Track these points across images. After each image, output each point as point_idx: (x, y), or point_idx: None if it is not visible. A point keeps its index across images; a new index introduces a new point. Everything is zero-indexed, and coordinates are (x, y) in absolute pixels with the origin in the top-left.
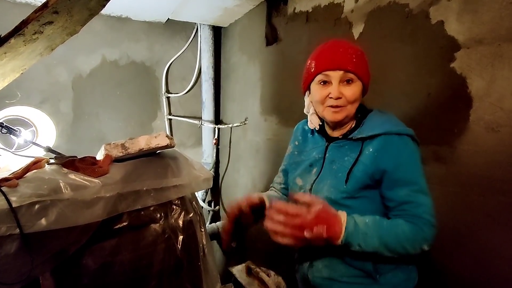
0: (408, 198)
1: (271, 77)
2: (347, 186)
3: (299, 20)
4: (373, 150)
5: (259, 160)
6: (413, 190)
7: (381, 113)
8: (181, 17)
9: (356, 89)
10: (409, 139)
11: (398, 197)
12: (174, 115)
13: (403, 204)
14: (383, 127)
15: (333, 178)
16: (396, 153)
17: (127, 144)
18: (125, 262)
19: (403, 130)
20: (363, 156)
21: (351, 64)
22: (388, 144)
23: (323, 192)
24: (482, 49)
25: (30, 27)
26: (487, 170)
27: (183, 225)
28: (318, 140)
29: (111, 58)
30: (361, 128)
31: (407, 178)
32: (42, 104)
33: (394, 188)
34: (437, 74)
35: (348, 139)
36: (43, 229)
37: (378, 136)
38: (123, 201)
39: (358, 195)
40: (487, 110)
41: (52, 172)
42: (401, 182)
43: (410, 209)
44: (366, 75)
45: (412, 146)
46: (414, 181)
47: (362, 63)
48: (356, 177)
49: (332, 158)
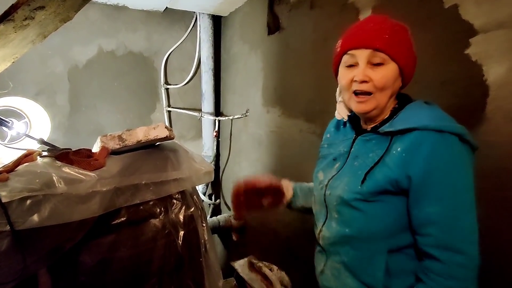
0: (436, 218)
1: (273, 67)
2: (362, 187)
3: (303, 7)
4: (401, 149)
5: (262, 153)
6: (445, 208)
7: (423, 104)
8: (179, 6)
9: (388, 73)
10: (455, 139)
11: (424, 214)
12: (173, 107)
13: (428, 226)
14: (420, 120)
15: (351, 176)
16: (430, 155)
17: (124, 136)
18: (124, 259)
19: (448, 126)
20: (389, 155)
21: (380, 41)
22: (422, 143)
23: (337, 190)
24: (501, 33)
25: (20, 12)
26: (505, 162)
27: (183, 220)
28: (348, 132)
29: (108, 49)
30: (393, 120)
31: (439, 190)
32: (37, 95)
33: (420, 201)
34: (451, 61)
35: (376, 133)
36: (36, 226)
37: (411, 131)
38: (121, 196)
39: (372, 199)
40: (506, 98)
41: (45, 165)
42: (431, 195)
43: (437, 234)
44: (404, 56)
45: (457, 148)
46: (449, 196)
47: (399, 41)
48: (375, 179)
49: (356, 153)
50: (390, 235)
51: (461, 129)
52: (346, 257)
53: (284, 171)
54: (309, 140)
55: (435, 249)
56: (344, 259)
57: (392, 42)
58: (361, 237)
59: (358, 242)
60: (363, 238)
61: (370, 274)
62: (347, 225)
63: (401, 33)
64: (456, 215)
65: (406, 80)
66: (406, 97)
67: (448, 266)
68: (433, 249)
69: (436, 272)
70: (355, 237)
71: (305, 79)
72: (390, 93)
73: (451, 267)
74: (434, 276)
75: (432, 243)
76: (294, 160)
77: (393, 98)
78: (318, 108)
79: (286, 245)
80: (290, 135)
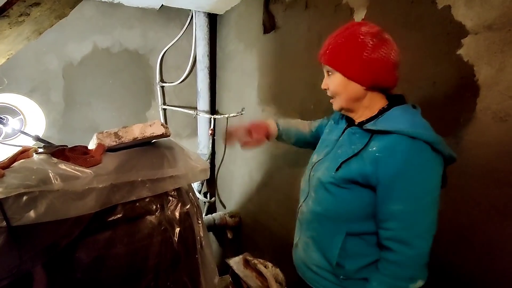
0: (399, 215)
1: (269, 66)
2: (337, 173)
3: (298, 7)
4: (377, 148)
5: (257, 151)
6: (409, 208)
7: (409, 109)
8: (175, 3)
9: (335, 81)
10: (426, 147)
11: (388, 210)
12: (169, 105)
13: (390, 221)
14: (398, 124)
15: (331, 162)
16: (400, 159)
17: (120, 133)
18: (120, 256)
19: (422, 134)
20: (366, 151)
21: (323, 57)
22: (395, 146)
23: (319, 173)
24: (492, 35)
25: (16, 8)
26: (494, 161)
27: (179, 217)
28: (343, 123)
29: (103, 46)
30: (378, 119)
31: (405, 191)
32: (31, 92)
33: (386, 198)
34: (443, 61)
35: (361, 128)
36: (32, 222)
37: (389, 133)
38: (117, 192)
39: (343, 186)
40: (495, 99)
41: (41, 162)
42: (397, 194)
43: (397, 229)
44: (345, 65)
45: (426, 156)
46: (414, 197)
47: (338, 53)
48: (349, 169)
49: (342, 142)
50: (351, 220)
51: (434, 138)
52: (315, 232)
53: (278, 169)
54: None
55: (392, 242)
56: (313, 234)
57: (331, 55)
58: (327, 216)
59: (325, 220)
60: (329, 217)
61: (328, 250)
62: (319, 204)
63: (344, 44)
64: (415, 214)
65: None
66: (399, 98)
67: (399, 257)
68: (390, 242)
69: (389, 260)
70: (323, 215)
71: (299, 77)
72: (347, 97)
73: (401, 258)
74: (387, 265)
75: (390, 236)
76: (289, 157)
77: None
78: (312, 106)
79: (281, 242)
80: None
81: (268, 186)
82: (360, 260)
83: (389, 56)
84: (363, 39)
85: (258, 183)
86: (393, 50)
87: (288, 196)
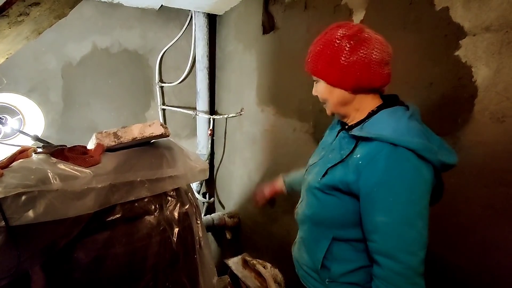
0: (381, 227)
1: (268, 67)
2: (322, 179)
3: (297, 8)
4: (360, 156)
5: (256, 152)
6: (390, 219)
7: (394, 113)
8: (175, 4)
9: (320, 88)
10: (410, 154)
11: (371, 222)
12: (168, 105)
13: (374, 233)
14: (381, 130)
15: (321, 167)
16: (383, 168)
17: (119, 133)
18: (119, 256)
19: (404, 141)
20: (351, 158)
21: (306, 65)
22: (377, 154)
23: (310, 176)
24: (489, 36)
25: (15, 8)
26: (491, 161)
27: (178, 217)
28: (338, 126)
29: (102, 46)
30: (363, 124)
31: (387, 202)
32: (30, 92)
33: (368, 209)
34: (440, 63)
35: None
36: (31, 222)
37: (372, 140)
38: (116, 192)
39: (327, 192)
40: (493, 100)
41: (40, 162)
42: (379, 205)
43: (380, 242)
44: (325, 72)
45: (409, 164)
46: (396, 208)
47: (318, 60)
48: (332, 176)
49: (334, 147)
50: (337, 226)
51: (418, 145)
52: (304, 234)
53: (278, 169)
54: (302, 139)
55: (378, 256)
56: (303, 236)
57: (312, 64)
58: (314, 220)
59: (312, 224)
60: (315, 221)
61: (314, 253)
62: (308, 207)
63: (322, 51)
64: (399, 227)
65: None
66: (393, 98)
67: (386, 273)
68: (376, 255)
69: (378, 276)
70: (311, 219)
71: (298, 78)
72: (334, 102)
73: (388, 274)
74: (376, 281)
75: (376, 249)
76: (288, 158)
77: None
78: (311, 107)
79: (280, 243)
80: (284, 134)
81: None
82: (346, 265)
83: (371, 56)
84: (339, 43)
85: (257, 183)
86: (375, 48)
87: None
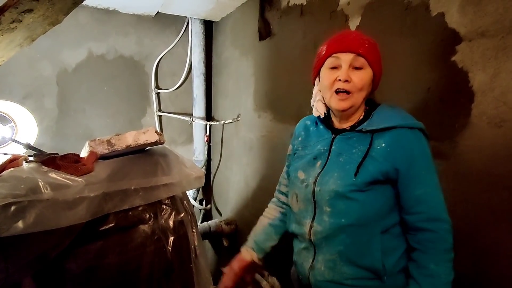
0: (424, 197)
1: (264, 73)
2: (357, 178)
3: (293, 14)
4: (386, 145)
5: (253, 158)
6: (428, 188)
7: (390, 107)
8: (171, 10)
9: (365, 76)
10: (420, 133)
11: (414, 196)
12: (164, 112)
13: (418, 205)
14: (394, 120)
15: (340, 171)
16: (410, 148)
17: (113, 141)
18: (112, 266)
19: (415, 123)
20: (374, 150)
21: (362, 48)
22: (401, 139)
23: (329, 185)
24: (485, 41)
25: (8, 14)
26: (489, 165)
27: (173, 226)
28: (323, 132)
29: (98, 52)
30: (370, 120)
31: (421, 175)
32: (25, 99)
33: (409, 186)
34: (437, 68)
35: (356, 131)
36: (20, 233)
37: (388, 129)
38: (109, 201)
39: (366, 189)
40: (490, 104)
41: (30, 171)
42: (416, 180)
43: (427, 210)
44: (377, 65)
45: (424, 140)
46: (428, 178)
47: (375, 52)
48: (367, 171)
49: (339, 150)
50: (382, 217)
51: (421, 125)
52: (342, 246)
53: (275, 175)
54: None
55: (427, 223)
56: (341, 249)
57: (370, 50)
58: (359, 224)
59: (355, 229)
60: (361, 224)
61: (369, 256)
62: (342, 215)
63: (376, 47)
64: (436, 192)
65: (375, 86)
66: (371, 100)
67: (440, 234)
68: (425, 223)
69: (432, 241)
70: (353, 225)
71: (295, 84)
72: (365, 95)
73: (442, 234)
74: (430, 244)
75: (424, 218)
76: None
77: (364, 100)
78: (308, 113)
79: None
80: (281, 140)
81: (265, 193)
82: (394, 255)
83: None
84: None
85: (254, 189)
86: None
87: None
